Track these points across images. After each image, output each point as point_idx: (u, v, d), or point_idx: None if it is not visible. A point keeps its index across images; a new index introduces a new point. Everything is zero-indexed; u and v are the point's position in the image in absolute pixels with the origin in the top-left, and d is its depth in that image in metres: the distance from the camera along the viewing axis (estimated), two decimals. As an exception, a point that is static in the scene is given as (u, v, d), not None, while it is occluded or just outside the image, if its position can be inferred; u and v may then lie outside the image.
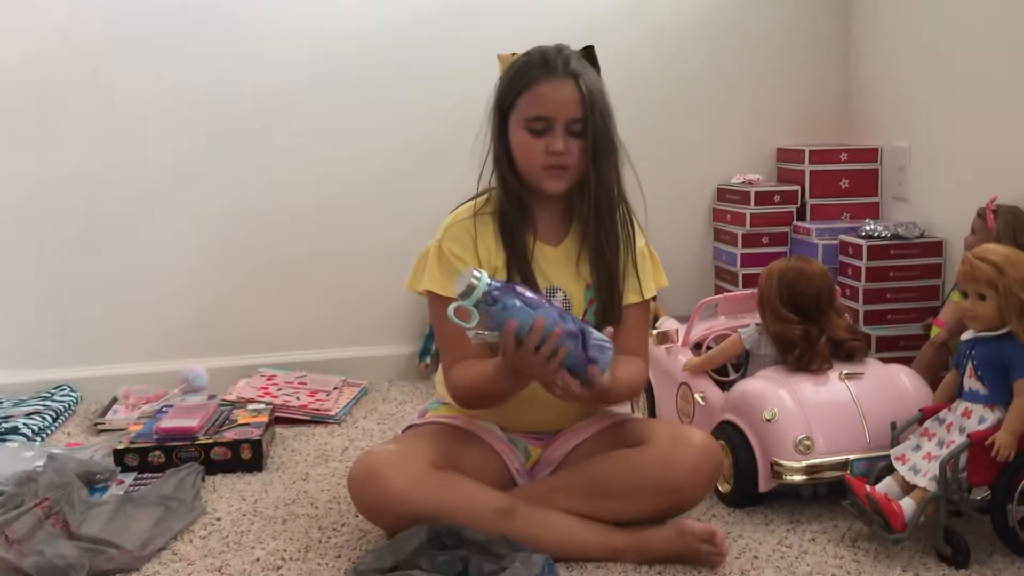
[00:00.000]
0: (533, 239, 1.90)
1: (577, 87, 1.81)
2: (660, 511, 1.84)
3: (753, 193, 3.05)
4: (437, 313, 1.88)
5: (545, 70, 1.82)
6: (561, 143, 1.81)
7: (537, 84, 1.82)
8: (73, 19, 2.84)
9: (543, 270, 1.89)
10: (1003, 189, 2.41)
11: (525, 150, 1.84)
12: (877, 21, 3.08)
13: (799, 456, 1.99)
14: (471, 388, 1.84)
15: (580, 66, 1.83)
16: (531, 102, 1.82)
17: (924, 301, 2.75)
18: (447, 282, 1.83)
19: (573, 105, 1.81)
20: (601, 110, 1.83)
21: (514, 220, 1.88)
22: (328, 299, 3.07)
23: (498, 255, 1.88)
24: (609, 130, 1.85)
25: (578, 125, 1.82)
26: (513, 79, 1.85)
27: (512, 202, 1.88)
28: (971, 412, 1.86)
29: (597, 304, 1.90)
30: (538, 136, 1.82)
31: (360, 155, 3.02)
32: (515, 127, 1.85)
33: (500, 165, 1.89)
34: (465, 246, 1.87)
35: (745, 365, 2.28)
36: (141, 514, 2.01)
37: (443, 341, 1.92)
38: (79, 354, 2.94)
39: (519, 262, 1.87)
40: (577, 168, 1.85)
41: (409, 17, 3.01)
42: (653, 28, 3.15)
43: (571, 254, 1.91)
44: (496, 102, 1.88)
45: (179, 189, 2.95)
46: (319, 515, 2.09)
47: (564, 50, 1.85)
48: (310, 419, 2.69)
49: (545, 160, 1.83)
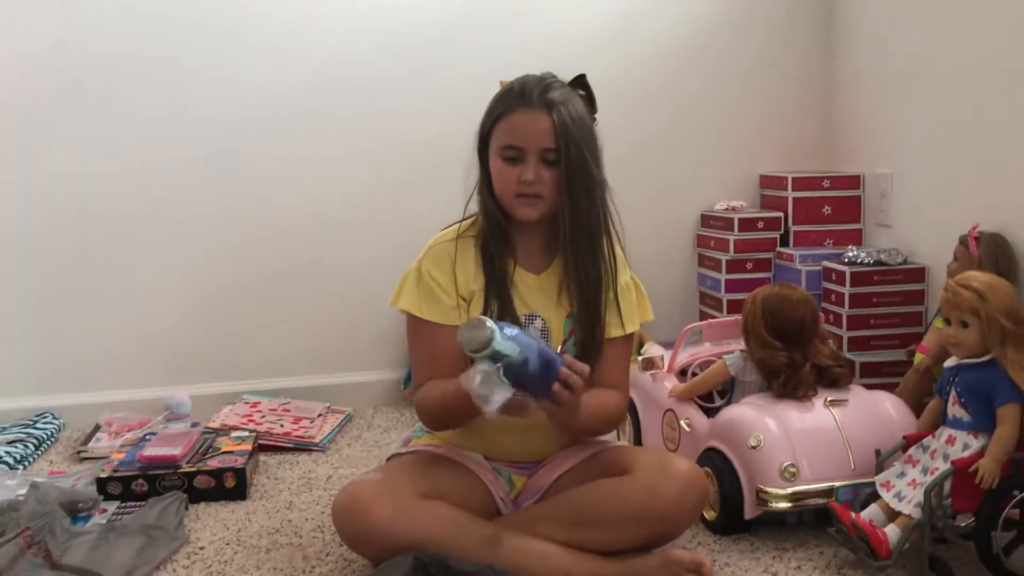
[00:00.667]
0: (514, 264, 1.91)
1: (550, 117, 1.81)
2: (646, 540, 1.83)
3: (737, 219, 3.06)
4: (413, 333, 1.92)
5: (520, 100, 1.83)
6: (532, 172, 1.82)
7: (511, 113, 1.83)
8: (61, 39, 2.83)
9: (523, 296, 1.90)
10: (985, 216, 2.42)
11: (500, 178, 1.86)
12: (859, 50, 3.11)
13: (784, 483, 1.99)
14: (435, 407, 1.86)
15: (560, 95, 1.83)
16: (505, 131, 1.84)
17: (907, 327, 2.76)
18: (424, 304, 1.87)
19: (545, 135, 1.81)
20: (577, 141, 1.82)
21: (494, 245, 1.89)
22: (312, 326, 3.06)
23: (477, 279, 1.89)
24: (586, 161, 1.83)
25: (552, 155, 1.83)
26: (492, 108, 1.87)
27: (492, 227, 1.89)
28: (955, 439, 1.87)
29: (577, 334, 1.90)
30: (512, 164, 1.84)
31: (345, 181, 3.03)
32: (492, 155, 1.87)
33: (482, 191, 1.91)
34: (443, 268, 1.89)
35: (730, 392, 2.28)
36: (124, 543, 2.00)
37: (415, 361, 1.94)
38: (62, 381, 2.92)
39: (497, 287, 1.88)
40: (551, 197, 1.85)
41: (396, 43, 3.02)
42: (638, 57, 3.17)
43: (554, 283, 1.91)
44: (479, 129, 1.90)
45: (162, 217, 2.94)
46: (303, 544, 2.08)
47: (547, 79, 1.86)
48: (294, 447, 2.68)
49: (517, 188, 1.84)
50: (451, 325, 1.85)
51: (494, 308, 1.87)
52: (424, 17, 3.03)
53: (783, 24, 3.24)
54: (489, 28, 3.06)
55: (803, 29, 3.25)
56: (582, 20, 3.12)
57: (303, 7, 2.96)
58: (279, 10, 2.95)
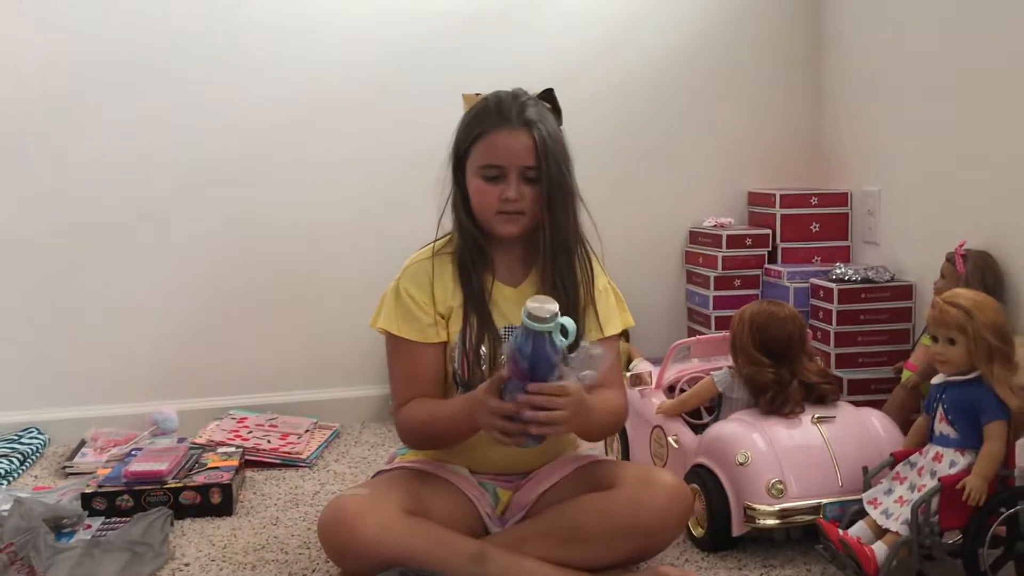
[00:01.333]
0: (492, 279, 1.92)
1: (530, 136, 1.83)
2: (632, 555, 1.83)
3: (725, 236, 3.07)
4: (392, 351, 1.93)
5: (499, 119, 1.84)
6: (514, 191, 1.84)
7: (491, 133, 1.84)
8: (49, 51, 2.83)
9: (502, 310, 1.91)
10: (972, 233, 2.43)
11: (480, 196, 1.87)
12: (848, 67, 3.13)
13: (772, 500, 1.99)
14: (422, 428, 1.87)
15: (535, 113, 1.85)
16: (485, 151, 1.85)
17: (895, 344, 2.76)
18: (402, 323, 1.89)
19: (526, 154, 1.83)
20: (555, 157, 1.85)
21: (472, 261, 1.90)
22: (300, 341, 3.05)
23: (455, 295, 1.90)
24: (564, 176, 1.87)
25: (532, 172, 1.84)
26: (469, 126, 1.88)
27: (469, 244, 1.91)
28: (942, 456, 1.87)
29: None
30: (492, 183, 1.85)
31: (332, 197, 3.03)
32: (471, 173, 1.87)
33: (456, 209, 1.92)
34: (421, 286, 1.90)
35: (718, 408, 2.28)
36: (108, 559, 1.99)
37: (395, 380, 1.94)
38: (47, 396, 2.91)
39: (475, 302, 1.89)
40: (532, 213, 1.87)
41: (381, 58, 3.02)
42: (626, 73, 3.18)
43: (531, 294, 1.91)
44: (453, 147, 1.91)
45: (150, 232, 2.93)
46: (289, 561, 2.07)
47: (521, 96, 1.88)
48: (281, 462, 2.67)
49: (499, 206, 1.85)
50: (429, 343, 1.88)
51: (473, 323, 1.88)
52: (420, 28, 3.04)
53: (771, 42, 3.26)
54: (479, 43, 3.07)
55: (791, 47, 3.27)
56: (570, 37, 3.13)
57: (296, 19, 2.97)
58: (273, 23, 2.95)
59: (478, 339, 1.88)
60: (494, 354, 1.88)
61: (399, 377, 1.92)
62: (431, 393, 1.90)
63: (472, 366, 1.88)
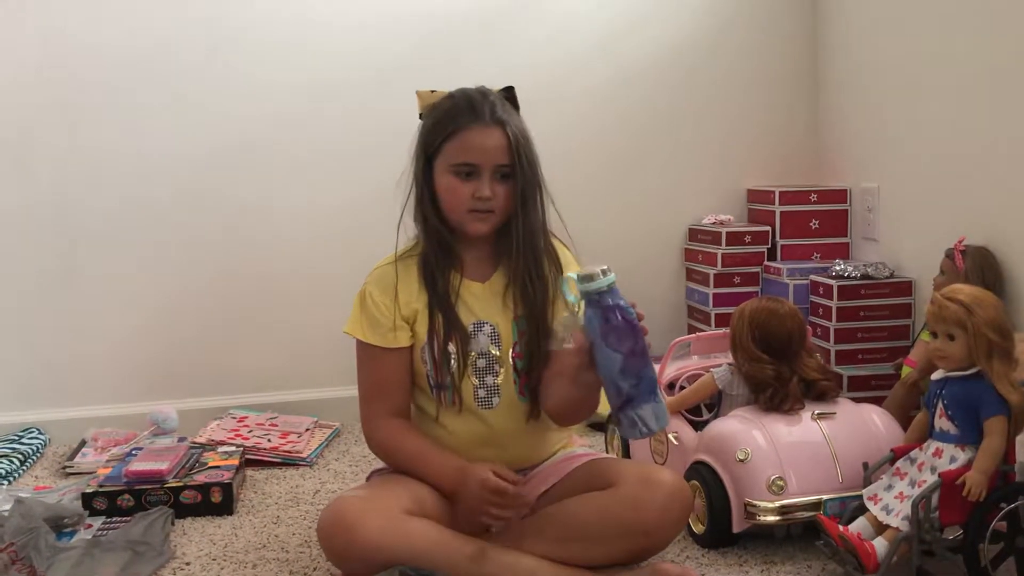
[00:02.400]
0: (460, 277, 1.92)
1: (505, 134, 1.84)
2: (632, 553, 1.83)
3: (724, 233, 3.07)
4: (360, 358, 1.94)
5: (472, 116, 1.84)
6: (488, 189, 1.84)
7: (464, 131, 1.84)
8: (46, 57, 2.83)
9: (469, 306, 1.91)
10: (971, 229, 2.43)
11: (451, 194, 1.87)
12: (846, 64, 3.13)
13: (772, 496, 1.99)
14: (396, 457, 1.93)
15: (505, 111, 1.86)
16: (458, 149, 1.85)
17: (895, 341, 2.76)
18: (368, 329, 1.90)
19: (500, 152, 1.84)
20: (527, 154, 1.86)
21: (436, 261, 1.90)
22: (300, 340, 3.05)
23: (419, 297, 1.91)
24: (535, 172, 1.88)
25: (505, 169, 1.85)
26: (439, 124, 1.87)
27: (434, 243, 1.91)
28: (942, 452, 1.87)
29: (528, 334, 1.91)
30: (465, 180, 1.85)
31: (331, 195, 3.03)
32: (441, 171, 1.87)
33: (423, 207, 1.91)
34: (385, 290, 1.91)
35: (718, 405, 2.28)
36: (109, 559, 1.99)
37: (363, 386, 1.95)
38: (47, 396, 2.91)
39: (439, 301, 1.90)
40: (502, 210, 1.88)
41: (375, 57, 3.02)
42: (624, 70, 3.18)
43: (499, 288, 1.93)
44: (421, 146, 1.90)
45: (148, 229, 2.93)
46: (290, 559, 2.07)
47: (489, 95, 1.88)
48: (281, 461, 2.67)
49: (472, 204, 1.86)
50: (392, 348, 1.89)
51: (439, 321, 1.88)
52: (413, 31, 3.04)
53: (769, 39, 3.26)
54: (474, 43, 3.06)
55: (789, 44, 3.27)
56: (570, 33, 3.13)
57: (290, 22, 2.97)
58: (262, 32, 2.97)
59: (446, 337, 1.88)
60: (462, 351, 1.88)
61: (367, 384, 1.94)
62: (399, 402, 1.92)
63: (441, 366, 1.88)
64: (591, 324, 1.66)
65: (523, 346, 1.91)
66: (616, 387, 1.67)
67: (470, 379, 1.90)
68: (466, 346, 1.88)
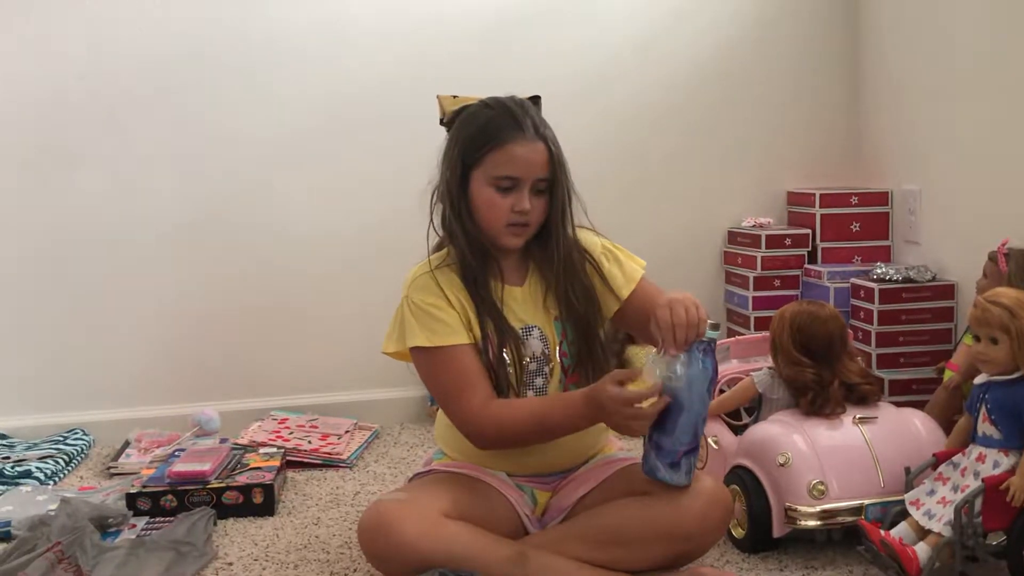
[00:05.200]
0: (501, 284, 1.91)
1: (547, 148, 1.84)
2: (671, 559, 1.83)
3: (764, 236, 3.05)
4: (426, 367, 1.88)
5: (516, 130, 1.84)
6: (527, 202, 1.84)
7: (509, 144, 1.83)
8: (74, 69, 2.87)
9: (515, 311, 1.91)
10: (1015, 232, 2.41)
11: (490, 207, 1.86)
12: (887, 65, 3.10)
13: (813, 501, 1.98)
14: (527, 422, 1.82)
15: (544, 125, 1.87)
16: (501, 161, 1.84)
17: (936, 344, 2.74)
18: (432, 334, 1.84)
19: (542, 166, 1.84)
20: (564, 167, 1.87)
21: (477, 269, 1.88)
22: (340, 342, 3.07)
23: (469, 305, 1.88)
24: (570, 182, 1.89)
25: (543, 184, 1.86)
26: (482, 133, 1.86)
27: (475, 252, 1.88)
28: (985, 457, 1.85)
29: (575, 340, 1.91)
30: (504, 194, 1.84)
31: (371, 200, 3.03)
32: (480, 182, 1.86)
33: (460, 216, 1.88)
34: (436, 294, 1.87)
35: (758, 409, 2.27)
36: (153, 559, 2.01)
37: (443, 389, 1.87)
38: (92, 398, 2.95)
39: (488, 309, 1.88)
40: (537, 224, 1.88)
41: (401, 69, 3.03)
42: (663, 74, 3.18)
43: (537, 291, 1.93)
44: (459, 153, 1.88)
45: (191, 234, 2.97)
46: (331, 560, 2.09)
47: (527, 107, 1.88)
48: (322, 463, 2.69)
49: (510, 218, 1.85)
50: (467, 344, 1.85)
51: (491, 331, 1.86)
52: (445, 39, 3.05)
53: (809, 40, 3.24)
54: (510, 51, 3.06)
55: (829, 45, 3.25)
56: (605, 39, 3.13)
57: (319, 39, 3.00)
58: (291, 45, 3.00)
59: (500, 344, 1.87)
60: (518, 356, 1.87)
61: (449, 383, 1.85)
62: (488, 389, 1.84)
63: (497, 371, 1.87)
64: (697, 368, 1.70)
65: (568, 346, 1.91)
66: (694, 433, 1.74)
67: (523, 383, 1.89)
68: (521, 351, 1.88)
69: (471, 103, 1.92)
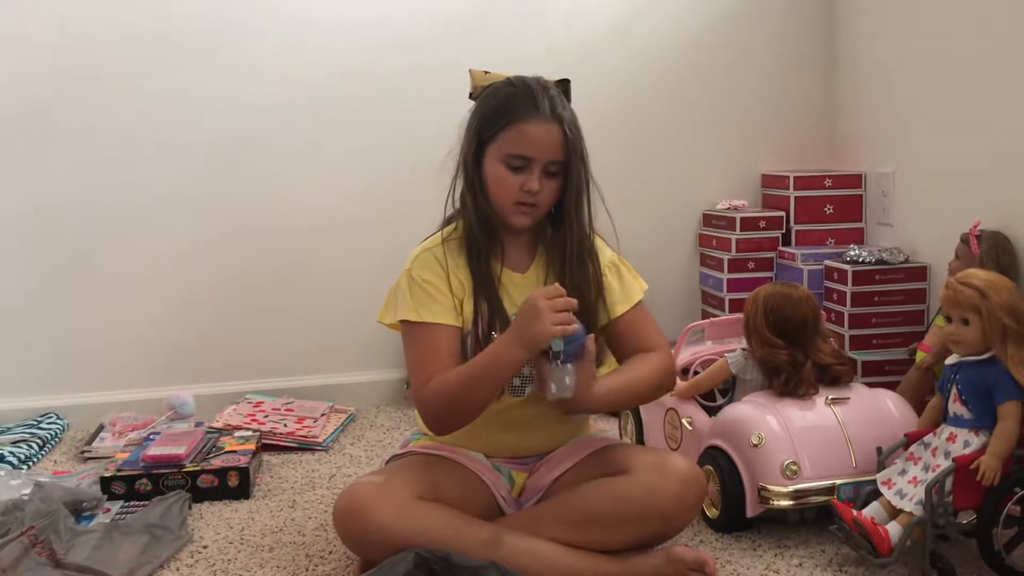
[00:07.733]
0: (500, 266, 1.91)
1: (562, 130, 1.83)
2: (646, 538, 1.84)
3: (738, 219, 3.06)
4: (410, 340, 1.88)
5: (533, 109, 1.82)
6: (536, 182, 1.83)
7: (523, 122, 1.82)
8: (55, 41, 2.85)
9: (511, 296, 1.90)
10: (986, 214, 2.43)
11: (499, 184, 1.85)
12: (861, 48, 3.12)
13: (786, 481, 2.00)
14: (455, 390, 1.78)
15: (563, 104, 1.86)
16: (515, 139, 1.83)
17: (909, 326, 2.76)
18: (421, 308, 1.85)
19: (555, 148, 1.83)
20: (580, 152, 1.86)
21: (482, 245, 1.89)
22: (315, 325, 3.07)
23: (468, 281, 1.89)
24: (587, 169, 1.88)
25: (555, 167, 1.84)
26: (498, 110, 1.85)
27: (482, 227, 1.89)
28: (956, 436, 1.87)
29: None
30: (515, 172, 1.84)
31: (348, 181, 3.04)
32: (492, 158, 1.85)
33: (473, 190, 1.89)
34: (436, 272, 1.88)
35: (732, 390, 2.29)
36: (127, 542, 2.01)
37: (415, 364, 1.86)
38: (66, 381, 2.93)
39: (485, 289, 1.88)
40: (546, 205, 1.87)
41: (389, 44, 3.03)
42: (639, 55, 3.18)
43: (539, 279, 1.92)
44: (476, 128, 1.87)
45: (164, 217, 2.95)
46: (306, 543, 2.09)
47: (549, 88, 1.87)
48: (297, 446, 2.69)
49: (519, 196, 1.84)
50: (449, 325, 1.85)
51: (484, 309, 1.86)
52: (428, 15, 3.04)
53: (784, 22, 3.25)
54: (490, 27, 3.07)
55: (804, 27, 3.26)
56: (582, 18, 3.13)
57: (305, 11, 2.98)
58: (279, 16, 2.97)
59: (489, 325, 1.87)
60: None
61: (420, 359, 1.85)
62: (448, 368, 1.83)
63: (484, 348, 1.87)
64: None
65: None
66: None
67: None
68: None
69: (499, 80, 1.91)
